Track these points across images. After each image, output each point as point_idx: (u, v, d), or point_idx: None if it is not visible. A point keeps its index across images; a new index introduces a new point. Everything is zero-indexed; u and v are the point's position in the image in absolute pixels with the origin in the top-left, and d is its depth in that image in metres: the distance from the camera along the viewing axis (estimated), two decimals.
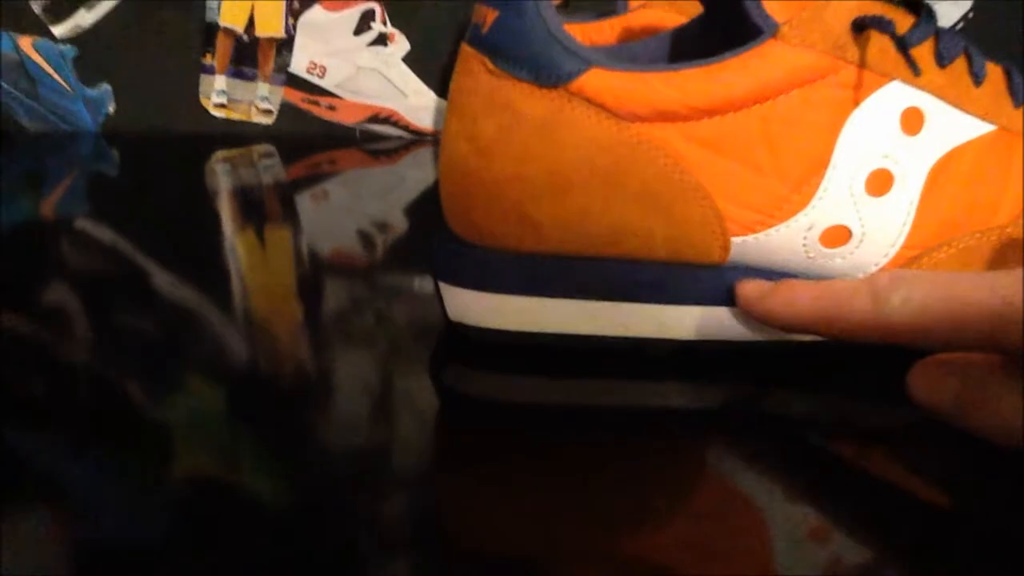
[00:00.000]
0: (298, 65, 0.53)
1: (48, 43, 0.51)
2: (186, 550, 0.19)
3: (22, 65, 0.51)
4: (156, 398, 0.25)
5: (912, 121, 0.25)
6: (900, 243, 0.25)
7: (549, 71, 0.24)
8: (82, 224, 0.40)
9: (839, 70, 0.24)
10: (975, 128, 0.26)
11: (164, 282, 0.33)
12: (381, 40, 0.53)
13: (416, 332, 0.30)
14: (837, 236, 0.25)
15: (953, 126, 0.25)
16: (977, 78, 0.26)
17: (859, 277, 0.26)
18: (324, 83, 0.53)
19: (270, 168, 0.50)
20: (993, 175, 0.26)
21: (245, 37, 0.52)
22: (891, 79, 0.25)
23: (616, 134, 0.25)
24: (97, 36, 0.52)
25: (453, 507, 0.21)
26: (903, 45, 0.24)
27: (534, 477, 0.22)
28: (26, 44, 0.51)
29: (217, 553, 0.19)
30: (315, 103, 0.54)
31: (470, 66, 0.26)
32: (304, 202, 0.44)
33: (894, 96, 0.25)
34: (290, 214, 0.43)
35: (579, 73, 0.24)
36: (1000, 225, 0.26)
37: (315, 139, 0.54)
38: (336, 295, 0.33)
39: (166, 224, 0.40)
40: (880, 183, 0.25)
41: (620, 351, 0.27)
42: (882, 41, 0.24)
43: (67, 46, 0.52)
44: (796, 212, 0.25)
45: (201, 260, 0.36)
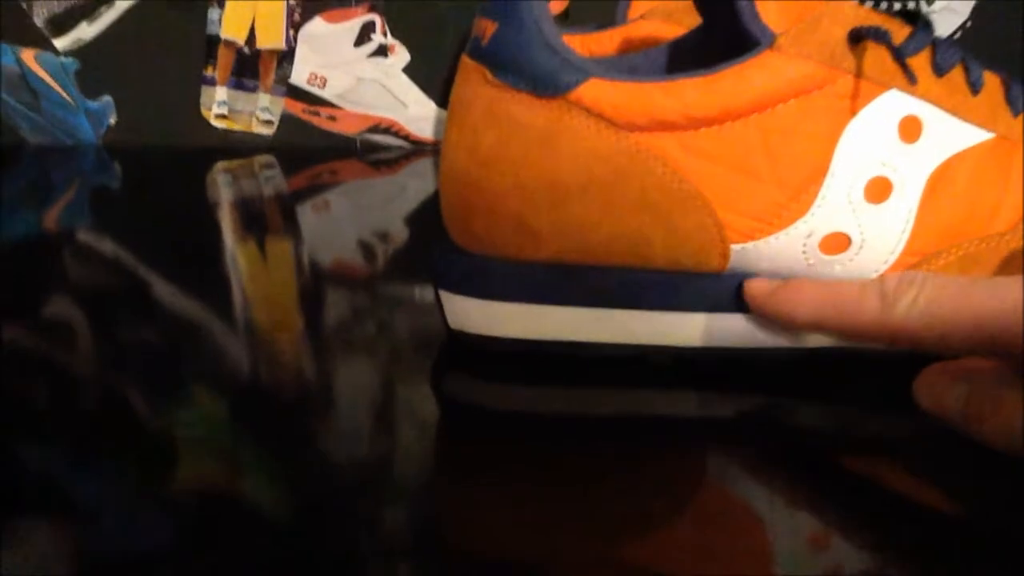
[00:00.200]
0: (299, 76, 0.53)
1: (50, 56, 0.52)
2: (190, 559, 0.19)
3: (24, 78, 0.52)
4: (158, 408, 0.25)
5: (910, 129, 0.25)
6: (899, 250, 0.26)
7: (548, 82, 0.25)
8: (84, 236, 0.40)
9: (836, 80, 0.24)
10: (973, 136, 0.26)
11: (166, 293, 0.33)
12: (381, 51, 0.53)
13: (417, 341, 0.30)
14: (836, 243, 0.25)
15: (951, 134, 0.26)
16: (975, 87, 0.26)
17: None
18: (325, 94, 0.54)
19: (271, 179, 0.50)
20: (992, 183, 0.26)
21: (246, 49, 0.53)
22: (888, 88, 0.25)
23: (615, 144, 0.25)
24: (99, 49, 0.52)
25: (454, 516, 0.21)
26: (900, 55, 0.24)
27: (535, 486, 0.22)
28: (28, 57, 0.52)
29: (220, 562, 0.19)
30: (316, 114, 0.54)
31: (470, 77, 0.26)
32: (305, 212, 0.44)
33: (892, 105, 0.25)
34: (291, 225, 0.43)
35: (577, 83, 0.24)
36: (999, 232, 0.26)
37: (316, 150, 0.54)
38: (337, 305, 0.33)
39: (168, 235, 0.40)
40: (879, 190, 0.25)
41: (620, 359, 0.27)
42: (879, 51, 0.25)
43: (69, 59, 0.52)
44: (795, 220, 0.25)
45: (202, 271, 0.36)
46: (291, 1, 0.52)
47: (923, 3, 0.23)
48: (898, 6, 0.49)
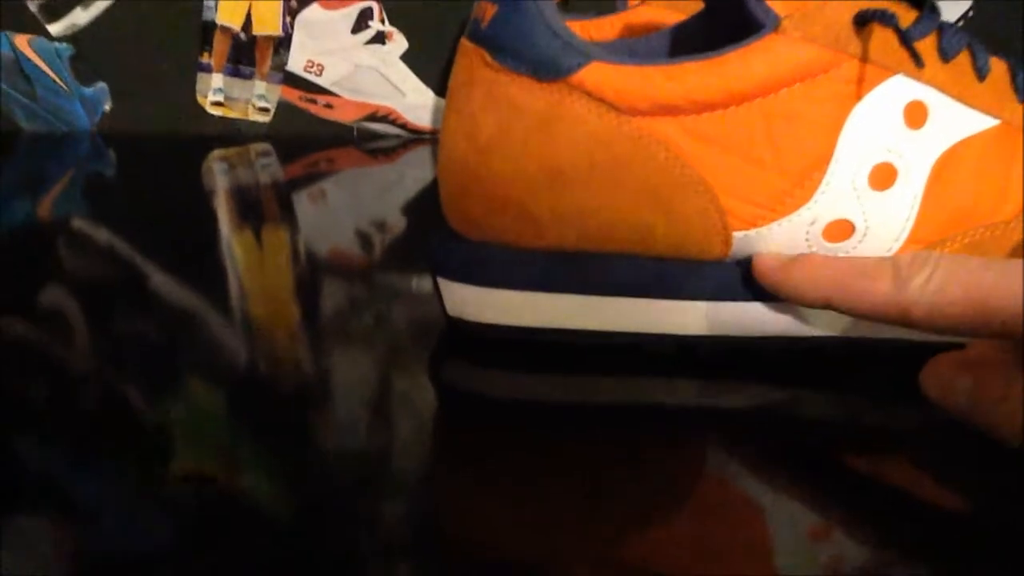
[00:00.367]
0: (295, 63, 0.53)
1: (44, 41, 0.51)
2: (190, 555, 0.19)
3: (18, 64, 0.51)
4: (154, 399, 0.25)
5: (916, 115, 0.25)
6: (904, 238, 0.25)
7: (549, 65, 0.24)
8: (79, 224, 0.40)
9: (841, 64, 0.24)
10: (979, 122, 0.26)
11: (161, 283, 0.33)
12: (379, 38, 0.53)
13: (415, 330, 0.29)
14: (840, 231, 0.25)
15: (957, 120, 0.25)
16: (981, 73, 0.25)
17: None
18: (322, 81, 0.53)
19: (267, 167, 0.50)
20: (997, 170, 0.26)
21: (242, 35, 0.52)
22: (894, 73, 0.24)
23: (616, 128, 0.24)
24: (93, 34, 0.51)
25: (454, 506, 0.21)
26: (907, 39, 0.24)
27: (534, 476, 0.22)
28: (22, 42, 0.51)
29: (220, 557, 0.19)
30: (313, 101, 0.54)
31: (469, 61, 0.25)
32: (302, 201, 0.44)
33: (897, 90, 0.25)
34: (288, 213, 0.42)
35: (579, 67, 0.24)
36: (1004, 220, 0.26)
37: (313, 138, 0.54)
38: (334, 294, 0.32)
39: (163, 224, 0.40)
40: (883, 177, 0.25)
41: (620, 347, 0.27)
42: (885, 35, 0.24)
43: (63, 44, 0.51)
44: (799, 206, 0.25)
45: (198, 260, 0.36)
46: None
47: None
48: None
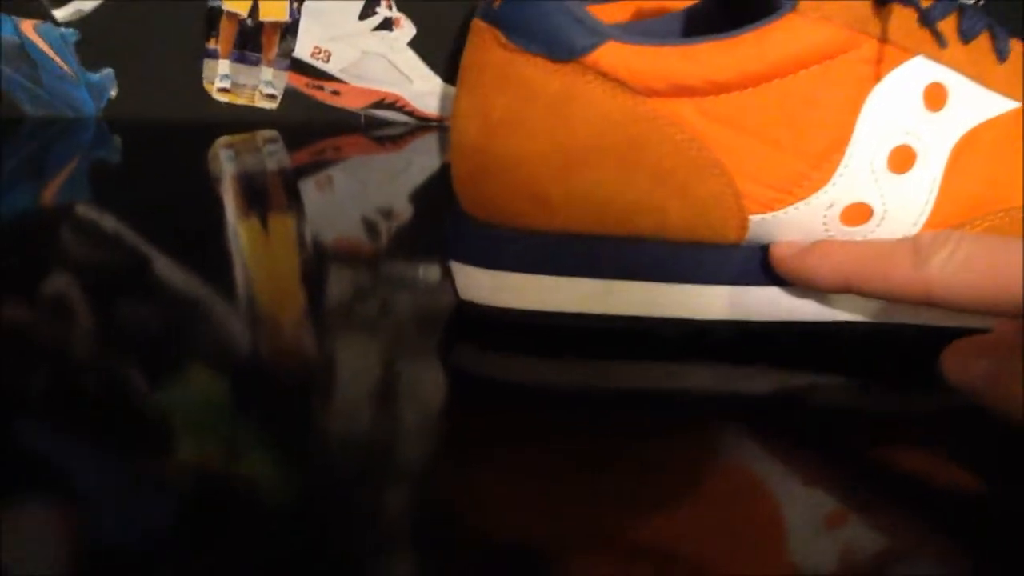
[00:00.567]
0: (302, 50, 0.52)
1: (50, 27, 0.51)
2: (198, 541, 0.19)
3: (24, 49, 0.51)
4: (159, 389, 0.25)
5: (935, 97, 0.24)
6: (922, 222, 0.25)
7: (563, 45, 0.24)
8: (84, 211, 0.39)
9: (860, 45, 0.24)
10: (999, 105, 0.25)
11: (167, 270, 0.33)
12: (386, 25, 0.52)
13: (422, 318, 0.29)
14: (858, 214, 0.25)
15: (977, 103, 0.25)
16: (1001, 54, 0.25)
17: None
18: (329, 68, 0.53)
19: (274, 154, 0.49)
20: (1017, 153, 0.25)
21: (249, 21, 0.52)
22: (914, 54, 0.24)
23: (631, 109, 0.24)
24: (99, 20, 0.51)
25: (466, 492, 0.21)
26: (929, 18, 0.23)
27: (547, 462, 0.22)
28: (28, 28, 0.51)
29: (229, 544, 0.19)
30: (319, 88, 0.53)
31: (482, 41, 0.25)
32: (308, 188, 0.44)
33: (917, 71, 0.24)
34: (294, 201, 0.42)
35: (594, 47, 0.24)
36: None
37: (320, 125, 0.53)
38: (341, 282, 0.32)
39: (169, 211, 0.40)
40: (902, 160, 0.24)
41: (633, 331, 0.27)
42: (904, 15, 0.24)
43: (69, 30, 0.51)
44: (816, 190, 0.24)
45: (204, 247, 0.35)
46: None
47: None
48: None
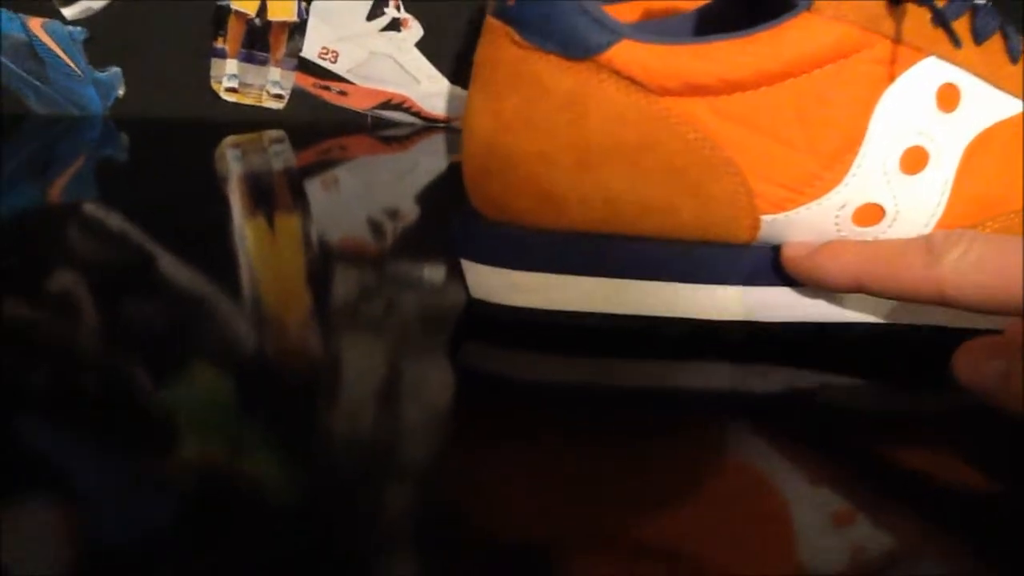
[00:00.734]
0: (310, 50, 0.52)
1: (58, 24, 0.51)
2: (199, 541, 0.19)
3: (31, 46, 0.51)
4: (164, 386, 0.25)
5: (948, 98, 0.24)
6: (934, 223, 0.25)
7: (578, 43, 0.24)
8: (90, 209, 0.39)
9: (874, 44, 0.24)
10: (1011, 107, 0.25)
11: (172, 268, 0.33)
12: (394, 25, 0.52)
13: (428, 318, 0.29)
14: (870, 215, 0.25)
15: (989, 104, 0.25)
16: (1014, 55, 0.25)
17: None
18: (336, 68, 0.53)
19: (280, 154, 0.49)
20: None
21: (257, 21, 0.52)
22: (927, 55, 0.24)
23: (645, 108, 0.24)
24: (108, 18, 0.51)
25: (473, 490, 0.21)
26: (944, 19, 0.23)
27: (556, 461, 0.22)
28: (36, 25, 0.51)
29: (232, 543, 0.19)
30: (327, 88, 0.53)
31: (496, 39, 0.25)
32: (315, 188, 0.44)
33: (930, 72, 0.24)
34: (300, 200, 0.42)
35: (608, 45, 0.24)
36: None
37: (326, 125, 0.53)
38: (346, 282, 0.32)
39: (175, 209, 0.40)
40: (915, 161, 0.24)
41: (643, 331, 0.27)
42: (918, 15, 0.24)
43: (77, 28, 0.51)
44: (828, 190, 0.24)
45: (210, 246, 0.35)
46: None
47: None
48: None
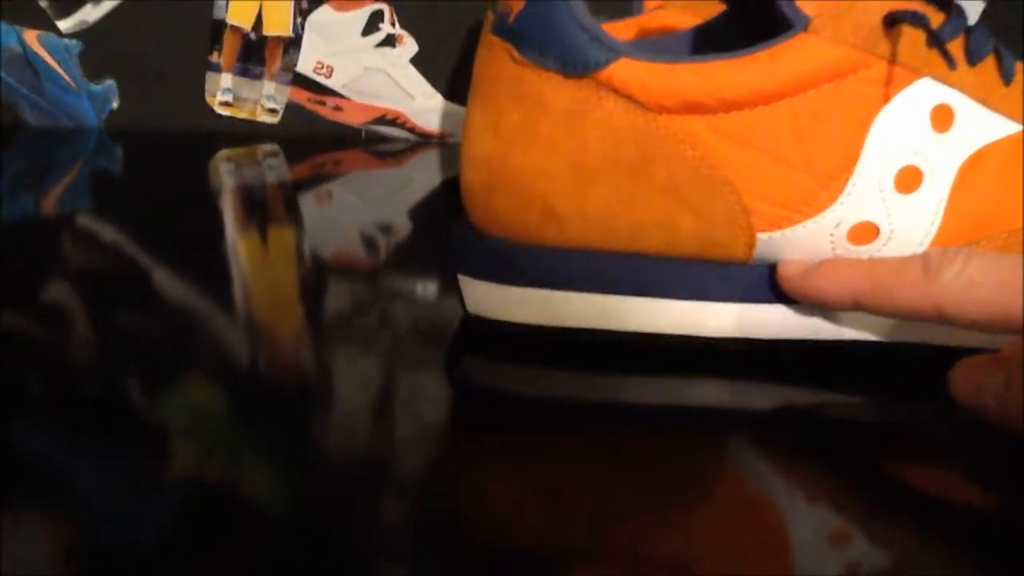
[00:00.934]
0: (305, 65, 0.53)
1: (53, 37, 0.51)
2: (195, 555, 0.19)
3: (26, 59, 0.51)
4: (158, 398, 0.25)
5: (942, 118, 0.25)
6: (928, 241, 0.25)
7: (577, 60, 0.24)
8: (84, 221, 0.39)
9: (870, 65, 0.24)
10: (1004, 127, 0.25)
11: (166, 281, 0.32)
12: (389, 41, 0.52)
13: (424, 332, 0.29)
14: (865, 233, 0.25)
15: (982, 124, 0.25)
16: (1007, 77, 0.25)
17: None
18: (331, 83, 0.53)
19: (274, 168, 0.49)
20: (1021, 175, 0.26)
21: (252, 35, 0.52)
22: (921, 75, 0.24)
23: (643, 125, 0.24)
24: (103, 31, 0.51)
25: (472, 505, 0.21)
26: (939, 40, 0.24)
27: (553, 475, 0.22)
28: (31, 38, 0.51)
29: (227, 557, 0.19)
30: (321, 103, 0.53)
31: (495, 55, 0.25)
32: (308, 203, 0.44)
33: (924, 92, 0.24)
34: (294, 214, 0.42)
35: (607, 63, 0.24)
36: None
37: (320, 139, 0.53)
38: (339, 297, 0.32)
39: (169, 223, 0.40)
40: (909, 180, 0.25)
41: (642, 348, 0.27)
42: (913, 36, 0.24)
43: (72, 41, 0.51)
44: (824, 208, 0.25)
45: (204, 259, 0.35)
46: None
47: None
48: None
